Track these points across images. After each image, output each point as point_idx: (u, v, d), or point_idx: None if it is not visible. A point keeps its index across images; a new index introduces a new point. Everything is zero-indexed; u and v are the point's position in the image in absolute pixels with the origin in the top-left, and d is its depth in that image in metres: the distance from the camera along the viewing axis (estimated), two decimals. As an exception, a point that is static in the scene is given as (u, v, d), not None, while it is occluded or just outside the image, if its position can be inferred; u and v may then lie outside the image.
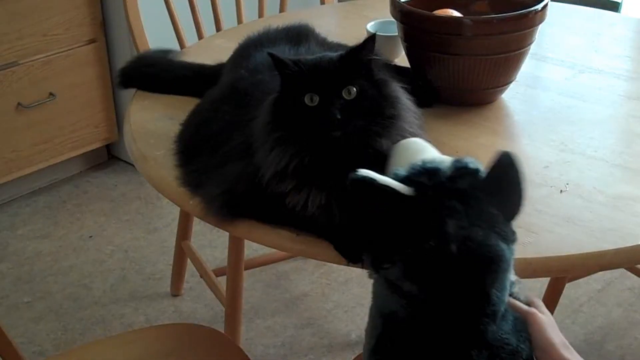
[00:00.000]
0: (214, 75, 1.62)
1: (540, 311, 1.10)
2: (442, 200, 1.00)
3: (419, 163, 1.05)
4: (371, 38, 1.22)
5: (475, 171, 1.04)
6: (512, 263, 1.04)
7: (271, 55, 1.23)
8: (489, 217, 1.01)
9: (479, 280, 1.00)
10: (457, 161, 1.04)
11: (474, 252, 0.99)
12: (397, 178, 1.04)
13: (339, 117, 1.17)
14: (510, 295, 1.07)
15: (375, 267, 1.06)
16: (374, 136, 1.20)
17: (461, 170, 1.03)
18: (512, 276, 1.07)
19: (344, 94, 1.19)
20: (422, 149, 1.15)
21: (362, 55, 1.22)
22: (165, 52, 1.84)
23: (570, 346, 1.07)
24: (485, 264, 1.00)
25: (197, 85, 1.64)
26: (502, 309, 1.03)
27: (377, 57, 1.24)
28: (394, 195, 1.00)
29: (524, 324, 1.07)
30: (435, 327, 1.01)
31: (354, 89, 1.19)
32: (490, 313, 1.01)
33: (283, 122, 1.22)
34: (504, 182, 1.03)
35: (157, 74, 1.74)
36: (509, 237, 1.03)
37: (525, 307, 1.09)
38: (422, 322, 1.02)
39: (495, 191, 1.03)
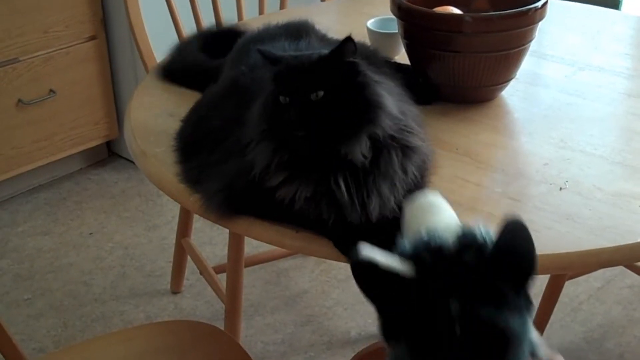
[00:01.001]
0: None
1: None
2: (446, 281, 0.95)
3: (424, 237, 0.99)
4: (347, 39, 1.21)
5: (482, 243, 0.97)
6: (529, 333, 0.97)
7: (259, 51, 1.25)
8: (497, 293, 0.95)
9: None
10: (463, 234, 0.98)
11: (481, 334, 0.93)
12: (401, 254, 0.98)
13: (295, 117, 1.18)
14: (534, 357, 1.00)
15: (385, 340, 1.01)
16: (340, 139, 1.20)
17: (467, 245, 0.97)
18: (535, 337, 0.99)
19: (312, 96, 1.19)
20: (433, 210, 1.10)
21: (342, 57, 1.21)
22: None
23: None
24: (494, 345, 0.94)
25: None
26: None
27: (355, 60, 1.22)
28: (395, 278, 0.95)
29: None
30: None
31: (321, 92, 1.19)
32: None
33: (267, 118, 1.24)
34: (513, 251, 0.96)
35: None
36: (523, 308, 0.96)
37: None
38: None
39: (505, 261, 0.96)
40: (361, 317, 2.34)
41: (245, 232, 1.36)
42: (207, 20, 2.20)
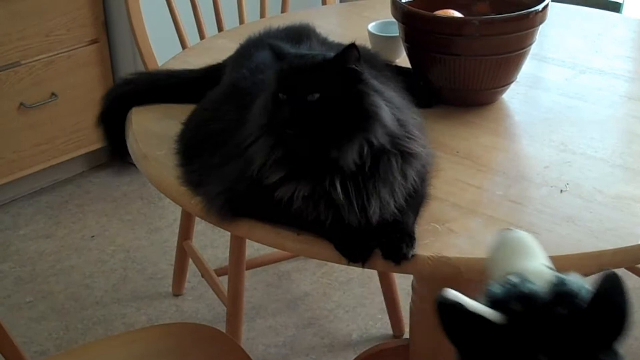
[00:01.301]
0: (203, 78, 1.63)
1: None
2: (535, 332, 0.90)
3: (516, 281, 0.94)
4: (351, 46, 1.21)
5: (577, 295, 0.92)
6: None
7: (270, 44, 1.28)
8: (587, 348, 0.90)
9: None
10: (557, 284, 0.93)
11: None
12: (490, 298, 0.94)
13: (288, 116, 1.20)
14: None
15: None
16: (331, 143, 1.21)
17: (560, 296, 0.92)
18: None
19: (308, 97, 1.20)
20: (524, 251, 1.03)
21: (344, 63, 1.22)
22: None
23: None
24: None
25: (186, 91, 1.65)
26: None
27: (357, 68, 1.23)
28: (483, 323, 0.90)
29: None
30: None
31: (317, 94, 1.20)
32: None
33: (266, 113, 1.26)
34: (608, 307, 0.91)
35: (141, 90, 1.70)
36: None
37: None
38: None
39: (599, 317, 0.91)
40: (362, 320, 2.35)
41: (247, 235, 1.37)
42: (209, 24, 2.21)
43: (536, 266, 0.99)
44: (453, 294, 0.90)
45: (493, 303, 0.92)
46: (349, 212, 1.20)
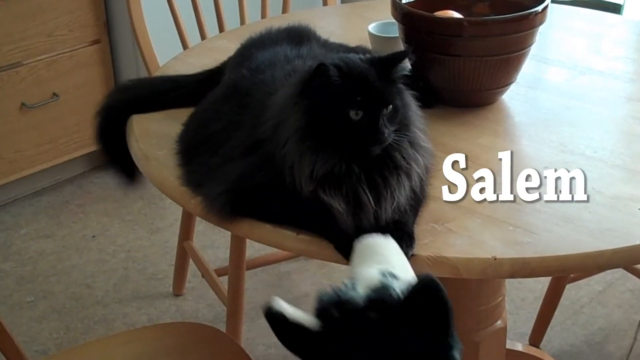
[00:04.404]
0: (203, 82, 1.63)
1: None
2: (349, 336, 0.98)
3: (343, 288, 1.02)
4: (404, 53, 1.26)
5: (393, 298, 0.99)
6: None
7: (321, 64, 1.19)
8: (406, 345, 0.96)
9: None
10: (375, 290, 1.00)
11: None
12: (318, 304, 1.01)
13: (386, 135, 1.19)
14: None
15: None
16: (395, 146, 1.22)
17: (375, 302, 0.99)
18: None
19: (384, 111, 1.20)
20: (370, 256, 1.11)
21: (396, 72, 1.24)
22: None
23: None
24: None
25: (187, 97, 1.64)
26: None
27: (407, 73, 1.26)
28: (301, 330, 1.00)
29: None
30: None
31: (390, 106, 1.21)
32: None
33: (321, 131, 1.21)
34: (424, 306, 0.97)
35: (135, 99, 1.69)
36: (443, 351, 0.97)
37: None
38: None
39: (417, 314, 0.98)
40: (363, 320, 2.35)
41: (247, 235, 1.37)
42: (210, 25, 2.21)
43: (370, 272, 1.04)
44: (279, 304, 0.99)
45: (318, 310, 0.99)
46: (369, 218, 1.21)
